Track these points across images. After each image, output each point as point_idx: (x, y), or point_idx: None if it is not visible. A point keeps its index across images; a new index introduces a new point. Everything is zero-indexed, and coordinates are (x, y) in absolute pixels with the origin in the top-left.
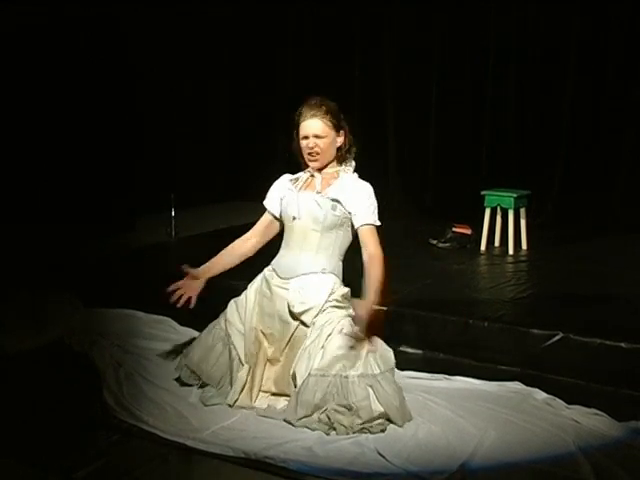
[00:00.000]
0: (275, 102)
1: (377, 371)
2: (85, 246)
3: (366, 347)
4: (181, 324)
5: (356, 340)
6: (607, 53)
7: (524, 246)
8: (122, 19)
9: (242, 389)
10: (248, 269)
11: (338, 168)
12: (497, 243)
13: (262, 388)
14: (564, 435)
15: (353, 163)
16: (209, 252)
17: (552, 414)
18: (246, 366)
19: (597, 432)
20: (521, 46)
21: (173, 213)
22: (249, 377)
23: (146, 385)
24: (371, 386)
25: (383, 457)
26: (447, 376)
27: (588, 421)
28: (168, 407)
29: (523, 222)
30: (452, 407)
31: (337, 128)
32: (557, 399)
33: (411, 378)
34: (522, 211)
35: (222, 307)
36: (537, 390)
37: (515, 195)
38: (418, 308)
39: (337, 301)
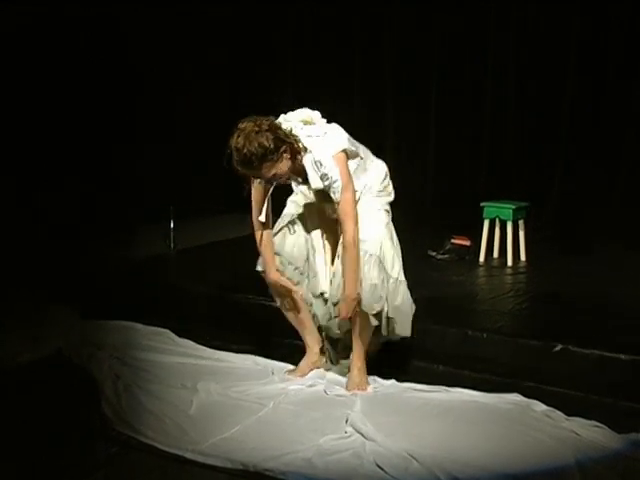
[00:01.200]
0: (275, 105)
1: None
2: (84, 258)
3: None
4: (180, 336)
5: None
6: (607, 53)
7: (523, 257)
8: (122, 19)
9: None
10: (247, 281)
11: (300, 163)
12: (496, 254)
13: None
14: (564, 447)
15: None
16: (208, 264)
17: (551, 426)
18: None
19: (597, 444)
20: (521, 46)
21: (172, 225)
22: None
23: (145, 397)
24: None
25: (382, 469)
26: (446, 387)
27: (588, 433)
28: (167, 419)
29: (522, 234)
30: (451, 419)
31: (278, 156)
32: (556, 411)
33: (410, 389)
34: (521, 223)
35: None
36: (536, 402)
37: (514, 207)
38: (417, 319)
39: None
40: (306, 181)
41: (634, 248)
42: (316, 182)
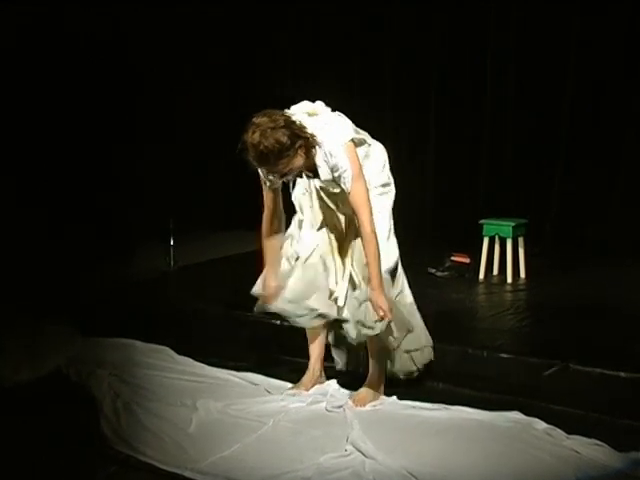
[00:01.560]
0: (275, 104)
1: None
2: (84, 275)
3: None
4: (179, 353)
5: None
6: (607, 53)
7: (522, 275)
8: (122, 19)
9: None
10: (248, 299)
11: (313, 157)
12: (496, 272)
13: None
14: (564, 466)
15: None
16: (208, 281)
17: (552, 444)
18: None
19: (597, 463)
20: (521, 46)
21: (172, 242)
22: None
23: (144, 415)
24: None
25: None
26: (446, 405)
27: (588, 451)
28: (166, 437)
29: (521, 251)
30: (451, 437)
31: (294, 151)
32: (557, 429)
33: (410, 407)
34: (520, 240)
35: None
36: (537, 420)
37: (513, 224)
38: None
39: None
40: (316, 175)
41: (634, 260)
42: (326, 174)
